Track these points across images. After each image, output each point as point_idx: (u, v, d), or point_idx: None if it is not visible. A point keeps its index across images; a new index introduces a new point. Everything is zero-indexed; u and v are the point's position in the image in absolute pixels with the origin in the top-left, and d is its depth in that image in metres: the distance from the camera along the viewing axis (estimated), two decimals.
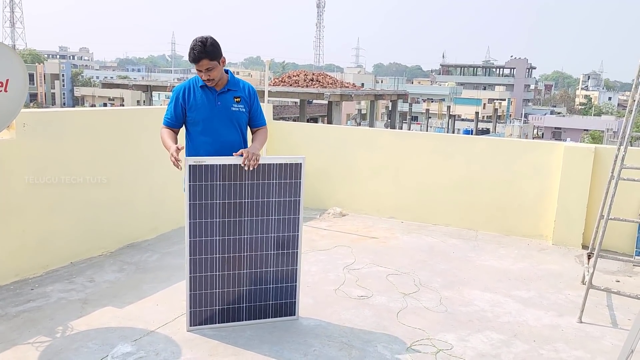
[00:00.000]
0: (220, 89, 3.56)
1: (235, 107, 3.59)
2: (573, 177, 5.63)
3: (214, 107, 3.54)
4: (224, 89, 3.57)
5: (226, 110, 3.56)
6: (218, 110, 3.54)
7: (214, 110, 3.54)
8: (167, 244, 5.27)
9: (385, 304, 4.12)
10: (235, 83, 3.63)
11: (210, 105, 3.54)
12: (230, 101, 3.58)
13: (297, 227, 3.75)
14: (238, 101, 3.60)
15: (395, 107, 28.61)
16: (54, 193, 4.44)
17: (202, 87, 3.55)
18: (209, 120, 3.54)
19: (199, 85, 3.56)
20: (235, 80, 3.64)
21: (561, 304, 4.27)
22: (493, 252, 5.47)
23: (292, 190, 3.69)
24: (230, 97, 3.59)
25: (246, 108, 3.64)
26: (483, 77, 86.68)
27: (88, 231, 4.79)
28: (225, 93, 3.58)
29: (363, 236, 5.87)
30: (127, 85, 24.53)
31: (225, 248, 3.59)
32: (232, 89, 3.60)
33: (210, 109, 3.53)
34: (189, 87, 3.57)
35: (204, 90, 3.55)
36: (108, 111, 5.12)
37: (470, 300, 4.26)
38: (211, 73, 3.41)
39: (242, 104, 3.62)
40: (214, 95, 3.56)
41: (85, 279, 4.34)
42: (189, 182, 3.47)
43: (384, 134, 6.98)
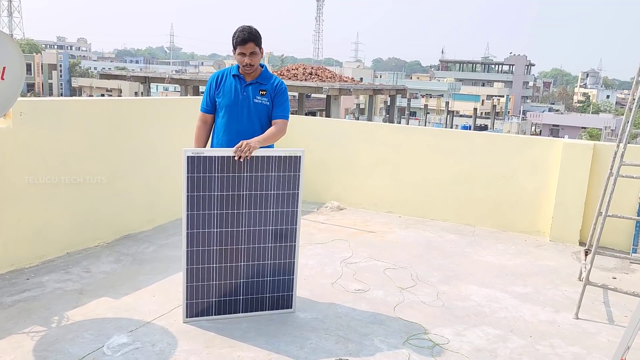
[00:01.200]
0: (250, 81, 3.67)
1: (258, 99, 3.68)
2: (571, 174, 5.62)
3: (239, 96, 3.65)
4: (252, 81, 3.68)
5: (249, 100, 3.66)
6: (242, 99, 3.65)
7: (238, 99, 3.65)
8: (164, 236, 5.26)
9: (382, 298, 4.12)
10: (267, 77, 3.73)
11: (236, 93, 3.66)
12: (255, 93, 3.68)
13: (295, 220, 3.73)
14: (263, 94, 3.69)
15: (393, 102, 28.59)
16: (50, 182, 4.40)
17: (234, 76, 3.69)
18: (231, 108, 3.66)
19: (231, 74, 3.70)
20: (267, 75, 3.74)
21: (558, 300, 4.27)
22: (490, 248, 5.47)
23: (290, 183, 3.67)
24: (257, 89, 3.68)
25: (270, 102, 3.72)
26: (482, 74, 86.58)
27: (84, 221, 4.77)
28: (253, 85, 3.68)
29: (361, 230, 5.86)
30: (125, 77, 24.43)
31: (222, 240, 3.57)
32: (261, 82, 3.69)
33: (235, 97, 3.66)
34: (223, 74, 3.74)
35: (235, 79, 3.70)
36: (106, 101, 5.08)
37: (467, 295, 4.26)
38: (253, 58, 3.55)
39: (266, 97, 3.70)
40: (242, 85, 3.67)
41: (82, 270, 4.32)
42: (187, 174, 3.44)
43: (383, 128, 6.96)
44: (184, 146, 5.71)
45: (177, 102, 5.99)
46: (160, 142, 5.46)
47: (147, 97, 15.53)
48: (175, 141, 5.61)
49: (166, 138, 5.51)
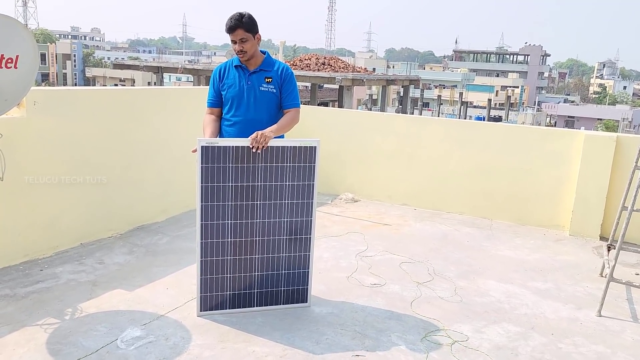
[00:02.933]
0: (253, 69, 3.58)
1: (264, 87, 3.58)
2: (593, 167, 5.48)
3: (244, 86, 3.56)
4: (256, 69, 3.58)
5: (254, 89, 3.57)
6: (247, 89, 3.56)
7: (243, 89, 3.56)
8: (177, 227, 5.21)
9: (399, 292, 4.04)
10: (270, 64, 3.62)
11: (241, 83, 3.57)
12: (261, 81, 3.58)
13: (310, 212, 3.66)
14: (269, 81, 3.59)
15: (407, 92, 28.32)
16: (63, 171, 4.37)
17: (237, 66, 3.59)
18: (238, 99, 3.57)
19: (234, 65, 3.61)
20: (270, 61, 3.63)
21: (579, 296, 4.16)
22: (508, 242, 5.36)
23: (305, 174, 3.59)
24: (262, 77, 3.58)
25: (277, 89, 3.61)
26: (496, 64, 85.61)
27: (98, 212, 4.74)
28: (257, 73, 3.58)
29: (375, 223, 5.77)
30: (138, 67, 24.41)
31: (237, 232, 3.51)
32: (264, 69, 3.59)
33: (240, 87, 3.57)
34: (226, 67, 3.65)
35: (237, 69, 3.60)
36: (119, 90, 5.04)
37: (486, 290, 4.17)
38: (245, 45, 3.45)
39: (272, 85, 3.60)
40: (246, 74, 3.58)
41: (95, 261, 4.29)
42: (201, 164, 3.38)
43: (397, 119, 6.85)
44: (196, 136, 5.65)
45: (189, 92, 5.92)
46: (173, 132, 5.40)
47: (159, 86, 15.53)
48: (188, 131, 5.53)
49: (179, 127, 5.45)
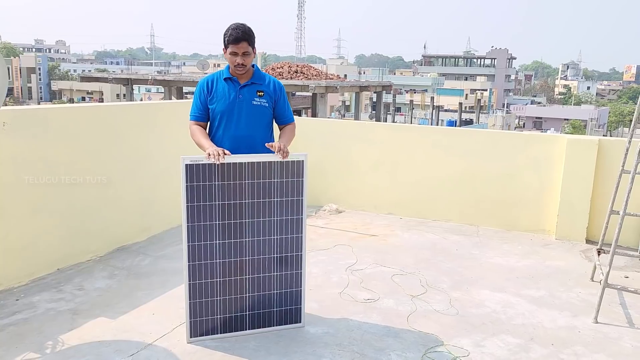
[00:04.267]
0: (244, 82, 3.43)
1: (257, 101, 3.44)
2: (576, 171, 5.49)
3: (235, 100, 3.41)
4: (247, 82, 3.44)
5: (247, 103, 3.42)
6: (239, 103, 3.41)
7: (235, 103, 3.41)
8: (159, 247, 5.01)
9: (394, 307, 3.93)
10: (261, 77, 3.50)
11: (232, 97, 3.41)
12: (253, 95, 3.44)
13: (300, 229, 3.54)
14: (261, 95, 3.46)
15: (380, 98, 28.43)
16: (37, 194, 4.15)
17: (226, 79, 3.44)
18: (228, 113, 3.41)
19: (222, 78, 3.45)
20: (260, 75, 3.51)
21: (574, 303, 4.12)
22: (497, 249, 5.32)
23: (294, 189, 3.48)
24: (254, 90, 3.45)
25: (270, 103, 3.49)
26: (464, 68, 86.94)
27: (74, 234, 4.51)
28: (249, 86, 3.44)
29: (362, 234, 5.67)
30: (107, 79, 23.94)
31: (226, 252, 3.37)
32: (256, 83, 3.46)
33: (231, 101, 3.41)
34: (213, 79, 3.48)
35: (227, 82, 3.44)
36: (94, 107, 4.83)
37: (481, 301, 4.09)
38: (246, 59, 3.33)
39: (265, 99, 3.46)
40: (237, 87, 3.43)
41: (74, 287, 4.07)
42: (186, 183, 3.23)
43: (380, 127, 6.77)
44: (176, 151, 5.45)
45: (166, 106, 5.76)
46: (153, 148, 5.21)
47: (135, 102, 15.32)
48: (168, 146, 5.38)
49: (158, 143, 5.27)
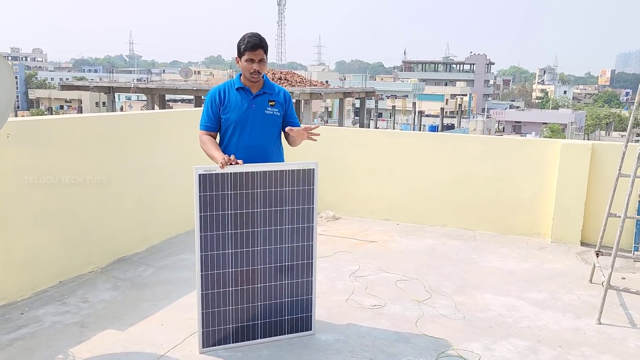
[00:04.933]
0: (256, 92, 3.46)
1: (269, 111, 3.48)
2: (570, 174, 5.59)
3: (249, 109, 3.43)
4: (259, 92, 3.47)
5: (260, 113, 3.45)
6: (252, 112, 3.43)
7: (248, 112, 3.43)
8: (160, 257, 4.98)
9: (401, 313, 3.96)
10: (271, 87, 3.54)
11: (245, 106, 3.43)
12: (265, 104, 3.47)
13: (311, 237, 3.56)
14: (273, 104, 3.49)
15: (363, 104, 28.65)
16: (39, 206, 4.10)
17: (238, 89, 3.46)
18: (241, 123, 3.43)
19: (235, 87, 3.47)
20: (270, 84, 3.55)
21: (576, 304, 4.20)
22: (495, 252, 5.39)
23: (305, 197, 3.50)
24: (265, 100, 3.48)
25: (281, 112, 3.53)
26: (444, 73, 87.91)
27: (76, 246, 4.46)
28: (261, 96, 3.47)
29: (361, 240, 5.70)
30: (88, 87, 23.70)
31: (238, 261, 3.37)
32: (267, 92, 3.50)
33: (245, 110, 3.43)
34: (225, 88, 3.49)
35: (239, 92, 3.46)
36: (95, 117, 4.79)
37: (486, 305, 4.15)
38: (262, 66, 3.36)
39: (276, 108, 3.50)
40: (249, 97, 3.45)
41: (79, 299, 4.02)
42: (199, 193, 3.23)
43: (375, 134, 6.83)
44: (177, 161, 5.45)
45: (168, 116, 5.74)
46: (152, 157, 5.18)
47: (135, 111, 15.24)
48: (168, 156, 5.36)
49: (158, 153, 5.24)
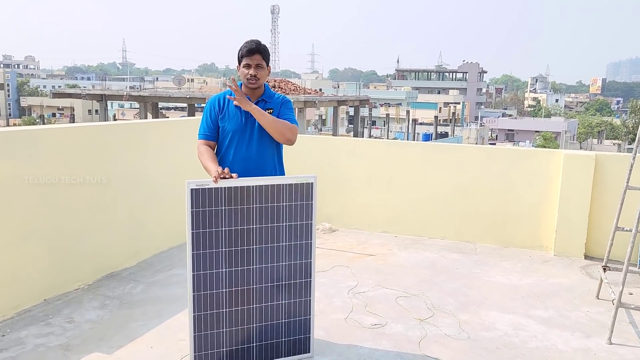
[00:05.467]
0: (255, 100, 3.30)
1: None
2: (574, 186, 5.45)
3: (247, 118, 3.27)
4: (258, 100, 3.32)
5: (258, 122, 3.26)
6: (250, 121, 3.27)
7: (246, 122, 3.27)
8: (151, 272, 4.78)
9: (403, 332, 3.79)
10: (271, 95, 3.39)
11: (243, 116, 3.27)
12: None
13: (309, 254, 3.39)
14: (271, 112, 3.31)
15: (357, 112, 28.56)
16: (24, 219, 3.90)
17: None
18: (239, 133, 3.27)
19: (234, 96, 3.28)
20: (270, 93, 3.40)
21: (584, 322, 4.04)
22: (497, 266, 5.23)
23: (303, 212, 3.33)
24: (263, 108, 3.30)
25: None
26: (437, 82, 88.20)
27: (62, 261, 4.25)
28: (259, 104, 3.31)
29: (359, 254, 5.53)
30: (81, 95, 23.46)
31: (232, 281, 3.18)
32: (265, 100, 3.34)
33: (242, 119, 3.27)
34: (223, 97, 3.35)
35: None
36: (85, 127, 4.60)
37: (491, 323, 3.98)
38: (259, 72, 3.22)
39: (274, 116, 3.31)
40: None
41: (64, 320, 3.82)
42: (191, 208, 3.05)
43: (373, 144, 6.68)
44: (169, 172, 5.25)
45: (159, 126, 5.56)
46: (143, 168, 4.99)
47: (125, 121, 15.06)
48: (159, 167, 5.18)
49: (149, 163, 5.06)
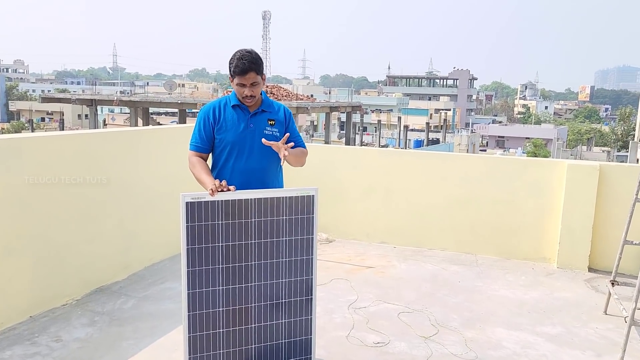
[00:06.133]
0: (254, 110, 3.09)
1: (268, 131, 3.10)
2: (577, 197, 5.33)
3: (246, 129, 3.06)
4: (257, 110, 3.11)
5: (259, 133, 3.08)
6: (250, 133, 3.07)
7: (245, 133, 3.06)
8: (142, 286, 4.58)
9: (408, 351, 3.62)
10: (270, 104, 3.18)
11: (242, 127, 3.06)
12: (264, 124, 3.11)
13: (310, 270, 3.22)
14: (272, 124, 3.13)
15: (349, 118, 28.47)
16: (9, 231, 3.70)
17: (234, 106, 3.08)
18: (238, 144, 3.06)
19: (230, 105, 3.09)
20: (269, 102, 3.19)
21: (593, 340, 3.90)
22: (500, 279, 5.08)
23: (304, 226, 3.16)
24: (264, 119, 3.12)
25: (281, 132, 3.14)
26: (428, 88, 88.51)
27: (49, 275, 4.05)
28: (259, 114, 3.11)
29: (358, 266, 5.36)
30: (70, 100, 23.16)
31: (229, 299, 3.00)
32: (266, 110, 3.13)
33: (242, 131, 3.06)
34: (219, 106, 3.10)
35: (236, 110, 3.09)
36: (73, 136, 4.41)
37: (498, 341, 3.82)
38: (255, 89, 2.99)
39: (276, 127, 3.14)
40: (247, 116, 3.08)
41: (50, 338, 3.61)
42: (186, 223, 2.88)
43: (371, 152, 6.53)
44: (160, 181, 5.06)
45: (151, 133, 5.38)
46: (134, 177, 4.80)
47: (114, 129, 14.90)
48: (149, 176, 4.99)
49: (140, 173, 4.87)
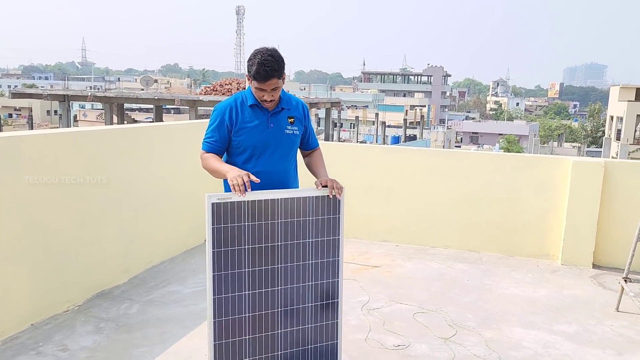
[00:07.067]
0: (273, 109, 2.89)
1: (289, 130, 2.93)
2: (582, 194, 5.32)
3: (266, 130, 2.87)
4: (277, 108, 2.91)
5: (280, 133, 2.91)
6: (271, 133, 2.88)
7: (266, 134, 2.87)
8: (145, 289, 4.40)
9: (430, 353, 3.54)
10: (288, 100, 2.97)
11: (262, 127, 2.87)
12: (284, 122, 2.93)
13: (337, 272, 3.09)
14: (292, 122, 2.94)
15: (329, 114, 28.37)
16: (6, 237, 3.48)
17: (252, 105, 2.87)
18: (260, 147, 2.87)
19: (248, 104, 2.87)
20: (287, 97, 2.98)
21: (611, 338, 3.88)
22: (507, 277, 5.04)
23: (330, 227, 3.04)
24: (284, 117, 2.92)
25: (300, 130, 2.99)
26: (402, 85, 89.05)
27: (49, 281, 3.83)
28: (279, 113, 2.91)
29: (363, 265, 5.26)
30: (42, 95, 22.48)
31: (256, 305, 2.87)
32: (285, 108, 2.93)
33: (262, 132, 2.87)
34: (236, 105, 2.88)
35: (254, 109, 2.87)
36: (72, 133, 4.18)
37: (518, 341, 3.77)
38: (276, 94, 2.79)
39: (296, 126, 2.97)
40: (267, 115, 2.88)
41: (56, 347, 3.41)
42: (212, 225, 2.72)
43: (373, 150, 6.44)
44: (160, 180, 4.87)
45: (150, 131, 5.17)
46: (134, 177, 4.60)
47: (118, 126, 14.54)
48: (150, 175, 4.80)
49: (141, 172, 4.67)
